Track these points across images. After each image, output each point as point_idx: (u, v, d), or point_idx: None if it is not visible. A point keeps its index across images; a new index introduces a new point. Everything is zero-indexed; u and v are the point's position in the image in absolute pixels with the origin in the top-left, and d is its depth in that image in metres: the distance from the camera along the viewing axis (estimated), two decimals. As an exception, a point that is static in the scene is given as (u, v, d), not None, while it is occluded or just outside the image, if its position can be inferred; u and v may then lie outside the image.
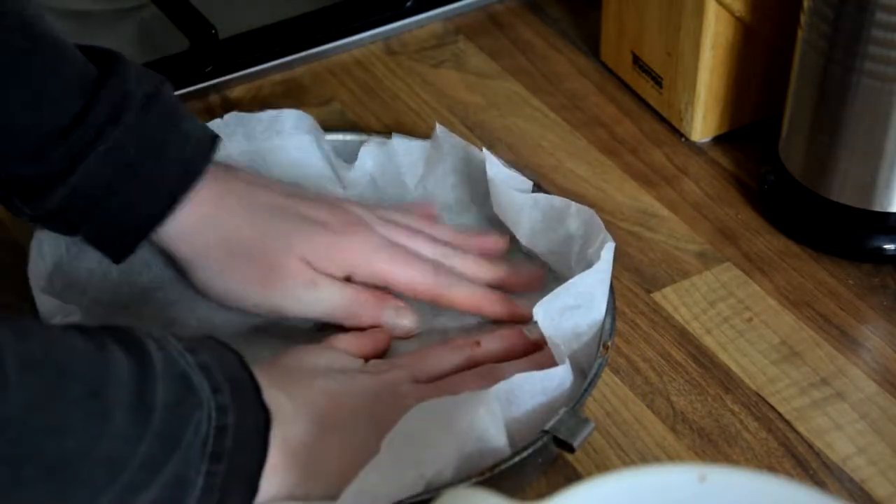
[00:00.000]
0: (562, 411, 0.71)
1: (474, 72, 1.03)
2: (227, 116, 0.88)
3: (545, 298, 0.75)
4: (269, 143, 0.88)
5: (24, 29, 0.75)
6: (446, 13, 1.07)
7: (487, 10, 1.09)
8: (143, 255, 0.83)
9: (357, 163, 0.89)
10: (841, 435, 0.77)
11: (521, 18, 1.09)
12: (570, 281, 0.76)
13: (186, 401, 0.62)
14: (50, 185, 0.75)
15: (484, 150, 0.84)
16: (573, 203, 0.81)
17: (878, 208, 0.86)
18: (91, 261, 0.83)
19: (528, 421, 0.72)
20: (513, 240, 0.85)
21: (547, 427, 0.70)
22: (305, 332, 0.81)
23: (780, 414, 0.78)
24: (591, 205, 0.83)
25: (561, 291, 0.75)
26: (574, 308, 0.76)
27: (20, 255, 0.83)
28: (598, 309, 0.76)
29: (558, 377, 0.72)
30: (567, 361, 0.73)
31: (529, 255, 0.84)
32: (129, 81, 0.76)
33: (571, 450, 0.70)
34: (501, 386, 0.71)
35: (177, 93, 0.81)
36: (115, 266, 0.82)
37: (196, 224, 0.78)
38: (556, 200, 0.82)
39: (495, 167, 0.84)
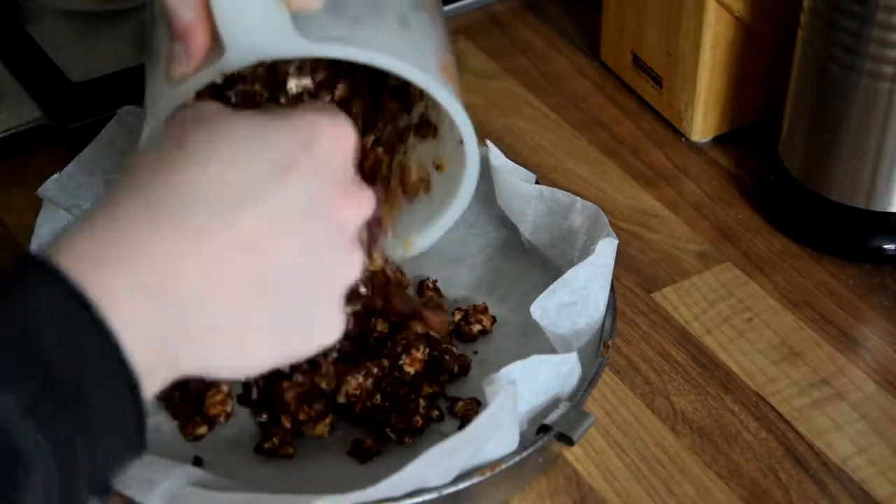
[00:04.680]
0: (562, 405, 0.71)
1: (474, 72, 1.03)
2: None
3: (542, 296, 0.75)
4: None
5: None
6: (446, 13, 1.07)
7: (487, 10, 1.09)
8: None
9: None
10: (841, 435, 0.77)
11: (521, 18, 1.09)
12: (565, 276, 0.75)
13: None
14: None
15: (488, 141, 0.84)
16: (579, 199, 0.81)
17: (878, 208, 0.86)
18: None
19: (538, 404, 0.72)
20: (515, 233, 0.85)
21: (547, 421, 0.70)
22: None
23: (780, 414, 0.78)
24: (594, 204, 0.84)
25: (557, 287, 0.75)
26: (571, 305, 0.75)
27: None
28: (595, 306, 0.76)
29: (571, 363, 0.72)
30: (576, 351, 0.73)
31: (531, 249, 0.84)
32: None
33: (571, 443, 0.70)
34: (518, 366, 0.70)
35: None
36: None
37: None
38: (562, 195, 0.82)
39: (500, 158, 0.84)
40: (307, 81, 0.71)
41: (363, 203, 0.57)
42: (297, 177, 0.54)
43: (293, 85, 0.71)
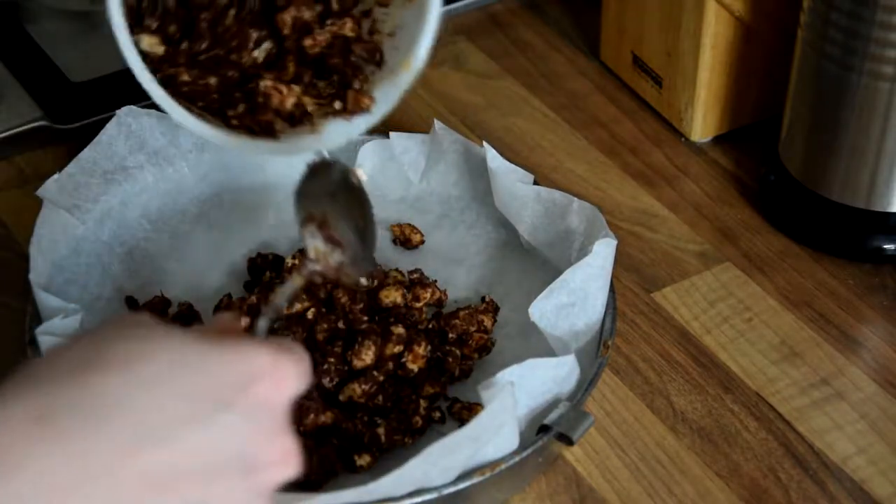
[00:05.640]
0: (562, 405, 0.71)
1: (474, 72, 1.03)
2: None
3: (539, 297, 0.75)
4: None
5: None
6: (446, 13, 1.06)
7: (487, 10, 1.09)
8: (146, 249, 0.83)
9: (356, 163, 0.89)
10: (841, 435, 0.77)
11: (521, 18, 1.09)
12: (562, 277, 0.75)
13: None
14: None
15: (484, 143, 0.84)
16: (575, 199, 0.81)
17: (878, 208, 0.86)
18: (90, 256, 0.83)
19: (536, 407, 0.72)
20: (515, 233, 0.85)
21: (547, 421, 0.70)
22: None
23: (780, 414, 0.78)
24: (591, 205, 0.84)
25: (554, 289, 0.75)
26: (569, 307, 0.75)
27: (20, 255, 0.83)
28: (593, 307, 0.76)
29: (568, 366, 0.72)
30: (573, 353, 0.73)
31: (531, 250, 0.84)
32: None
33: (570, 443, 0.70)
34: (514, 370, 0.70)
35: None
36: (116, 260, 0.82)
37: None
38: (558, 195, 0.82)
39: (497, 160, 0.84)
40: None
41: (290, 460, 0.50)
42: (225, 419, 0.47)
43: None
